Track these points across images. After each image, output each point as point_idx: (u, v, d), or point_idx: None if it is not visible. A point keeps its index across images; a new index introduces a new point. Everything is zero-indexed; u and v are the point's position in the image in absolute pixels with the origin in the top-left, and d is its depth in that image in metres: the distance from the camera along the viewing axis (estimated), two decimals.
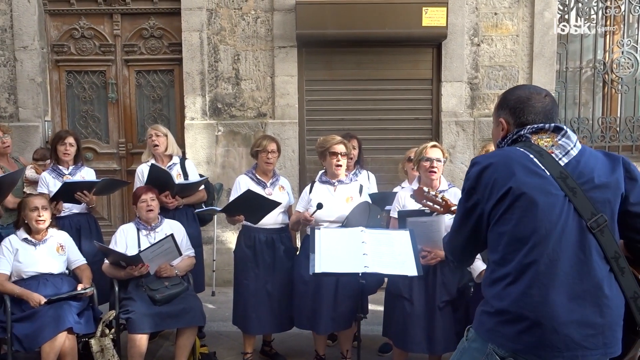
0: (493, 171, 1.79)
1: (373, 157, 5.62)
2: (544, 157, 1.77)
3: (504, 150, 1.87)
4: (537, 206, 1.71)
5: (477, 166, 1.84)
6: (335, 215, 3.69)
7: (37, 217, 3.66)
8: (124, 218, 6.08)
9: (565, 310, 1.68)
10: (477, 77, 5.81)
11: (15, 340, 3.45)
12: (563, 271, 1.69)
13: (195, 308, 3.76)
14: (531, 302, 1.70)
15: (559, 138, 1.80)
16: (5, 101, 5.91)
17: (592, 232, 1.71)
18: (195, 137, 5.81)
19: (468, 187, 1.86)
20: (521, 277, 1.72)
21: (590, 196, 1.72)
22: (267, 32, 5.76)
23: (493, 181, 1.77)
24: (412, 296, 3.38)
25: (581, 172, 1.75)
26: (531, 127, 1.84)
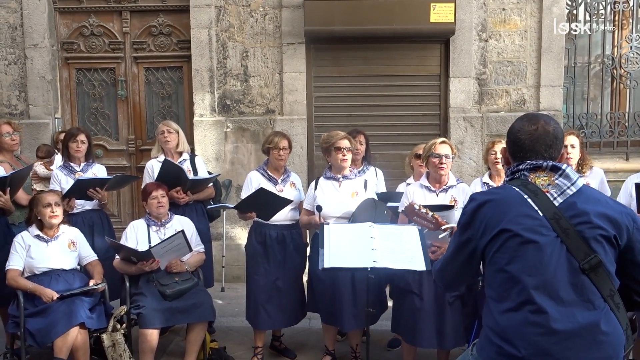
0: (487, 210, 1.84)
1: (381, 153, 5.63)
2: (538, 197, 1.79)
3: (499, 189, 1.97)
4: (528, 248, 1.75)
5: (473, 203, 1.90)
6: (342, 211, 3.71)
7: (50, 213, 3.69)
8: (133, 214, 6.12)
9: (560, 347, 1.71)
10: (485, 73, 5.80)
11: (28, 335, 3.50)
12: (557, 311, 1.72)
13: (206, 303, 3.80)
14: (526, 339, 1.73)
15: (556, 177, 1.82)
16: (15, 99, 5.96)
17: (585, 272, 1.73)
18: (204, 134, 5.85)
19: (463, 222, 1.92)
20: (516, 315, 1.76)
21: (584, 236, 1.74)
22: (275, 28, 5.78)
23: (487, 220, 1.83)
24: (422, 291, 3.39)
25: (577, 212, 1.76)
26: (530, 164, 1.86)
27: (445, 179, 3.60)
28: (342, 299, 3.67)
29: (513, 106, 5.82)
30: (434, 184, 3.61)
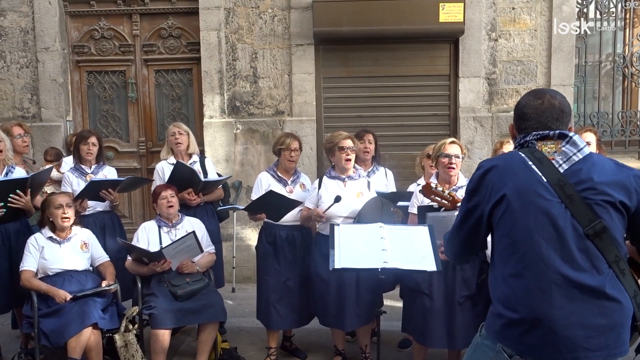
0: (493, 175, 1.86)
1: (390, 153, 5.63)
2: (543, 163, 1.81)
3: (505, 155, 1.96)
4: (530, 212, 1.77)
5: (480, 169, 1.92)
6: (348, 211, 3.71)
7: (62, 215, 3.73)
8: (144, 216, 6.17)
9: (565, 312, 1.72)
10: (495, 73, 5.78)
11: (42, 335, 3.53)
12: (562, 275, 1.72)
13: (217, 304, 3.82)
14: (531, 305, 1.75)
15: (562, 145, 1.83)
16: (28, 102, 6.02)
17: (590, 238, 1.73)
18: (214, 135, 5.87)
19: (470, 189, 1.94)
20: (520, 281, 1.78)
21: (589, 202, 1.74)
22: (284, 30, 5.80)
23: (492, 185, 1.85)
24: (432, 292, 3.39)
25: (582, 178, 1.77)
26: (536, 134, 1.88)
27: (455, 179, 3.59)
28: (345, 299, 3.68)
29: None
30: (444, 184, 3.59)
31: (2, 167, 3.96)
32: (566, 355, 1.72)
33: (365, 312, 3.69)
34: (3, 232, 3.89)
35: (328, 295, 3.75)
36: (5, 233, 3.90)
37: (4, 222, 3.86)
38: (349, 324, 3.75)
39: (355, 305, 3.68)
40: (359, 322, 3.75)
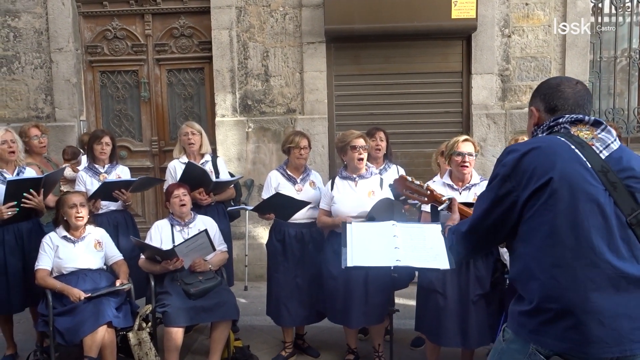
0: (533, 159, 1.72)
1: (403, 151, 5.61)
2: (585, 149, 1.72)
3: (544, 138, 1.80)
4: (579, 198, 1.66)
5: (515, 153, 1.76)
6: (358, 211, 3.70)
7: (76, 214, 3.76)
8: (157, 214, 6.20)
9: (612, 304, 1.64)
10: (508, 69, 5.72)
11: (57, 334, 3.56)
12: (611, 264, 1.65)
13: (229, 302, 3.83)
14: (577, 297, 1.64)
15: (598, 132, 1.76)
16: (42, 102, 6.08)
17: (632, 227, 1.67)
18: (226, 134, 5.89)
19: (503, 174, 1.77)
20: (567, 271, 1.66)
21: (631, 191, 1.69)
22: (295, 28, 5.79)
23: (532, 169, 1.71)
24: (446, 290, 3.37)
25: (623, 166, 1.71)
26: (569, 117, 1.79)
27: (469, 177, 3.56)
28: (353, 296, 3.67)
29: None
30: (457, 182, 3.57)
31: (13, 168, 4.00)
32: (614, 348, 1.64)
33: (375, 311, 3.68)
34: (16, 232, 3.93)
35: (336, 292, 3.76)
36: (18, 232, 3.94)
37: (16, 221, 3.90)
38: (355, 322, 3.75)
39: (364, 304, 3.67)
40: (366, 320, 3.75)
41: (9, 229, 3.91)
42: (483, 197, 1.88)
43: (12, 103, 6.09)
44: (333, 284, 3.76)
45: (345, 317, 3.76)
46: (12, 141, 3.94)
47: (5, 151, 3.90)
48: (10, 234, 3.91)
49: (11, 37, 6.02)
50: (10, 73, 6.06)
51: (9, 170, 3.97)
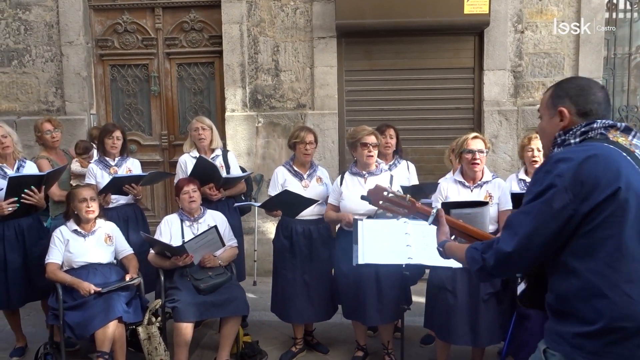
0: (592, 168, 1.58)
1: (413, 147, 5.57)
2: (631, 156, 1.62)
3: (594, 145, 1.66)
4: None
5: (568, 162, 1.61)
6: (366, 208, 3.65)
7: (87, 208, 3.76)
8: (166, 208, 6.21)
9: None
10: (520, 65, 5.66)
11: (67, 328, 3.57)
12: None
13: (239, 297, 3.82)
14: None
15: (631, 138, 1.68)
16: (52, 95, 6.09)
17: None
18: (235, 129, 5.87)
19: (561, 186, 1.59)
20: (635, 287, 1.55)
21: None
22: (306, 22, 5.76)
23: (594, 180, 1.57)
24: (455, 288, 3.35)
25: None
26: (603, 122, 1.69)
27: (480, 175, 3.53)
28: (365, 293, 3.65)
29: None
30: (469, 180, 3.54)
31: (13, 162, 4.00)
32: None
33: (389, 309, 3.65)
34: (16, 227, 3.94)
35: (348, 290, 3.74)
36: (19, 228, 3.95)
37: (16, 217, 3.91)
38: (370, 319, 3.73)
39: (377, 301, 3.65)
40: (382, 318, 3.72)
41: (10, 225, 3.91)
42: (530, 212, 1.67)
43: (22, 96, 6.10)
44: (345, 281, 3.75)
45: (360, 314, 3.74)
46: (3, 136, 3.91)
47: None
48: (11, 229, 3.92)
49: (22, 30, 6.03)
50: (21, 66, 6.07)
51: (8, 164, 3.97)
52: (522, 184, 3.82)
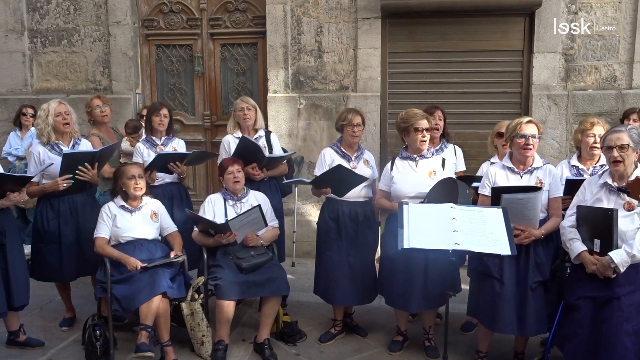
0: None
1: (457, 131, 5.45)
2: None
3: None
4: None
5: None
6: (417, 191, 3.62)
7: (134, 185, 3.83)
8: (208, 188, 6.29)
9: None
10: (572, 48, 5.45)
11: (114, 300, 3.67)
12: None
13: (280, 278, 3.85)
14: None
15: None
16: (100, 74, 6.22)
17: None
18: (277, 110, 5.88)
19: None
20: None
21: None
22: (350, 3, 5.68)
23: None
24: (503, 276, 3.28)
25: None
26: None
27: (530, 160, 3.42)
28: (413, 278, 3.61)
29: (602, 83, 5.46)
30: (518, 165, 3.44)
31: (69, 140, 4.11)
32: None
33: (433, 294, 3.61)
34: (70, 204, 4.06)
35: (395, 275, 3.70)
36: (73, 204, 4.06)
37: (71, 193, 4.02)
38: (415, 305, 3.69)
39: (423, 287, 3.61)
40: (426, 304, 3.68)
41: (64, 200, 4.03)
42: None
43: (71, 75, 6.25)
44: (391, 266, 3.72)
45: (405, 301, 3.70)
46: (66, 113, 4.04)
47: (60, 123, 4.01)
48: (65, 205, 4.04)
49: (71, 10, 6.15)
50: (70, 45, 6.21)
51: (64, 142, 4.09)
52: (575, 170, 3.69)
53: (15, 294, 3.64)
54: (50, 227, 4.01)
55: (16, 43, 6.27)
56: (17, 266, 3.68)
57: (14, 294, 3.63)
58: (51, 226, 4.01)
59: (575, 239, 3.06)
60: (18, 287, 3.66)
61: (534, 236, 3.24)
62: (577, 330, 3.03)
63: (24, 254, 3.84)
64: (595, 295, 2.99)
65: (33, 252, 4.14)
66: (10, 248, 3.63)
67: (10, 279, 3.61)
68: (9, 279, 3.60)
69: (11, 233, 3.67)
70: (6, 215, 3.67)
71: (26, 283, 3.79)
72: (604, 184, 3.07)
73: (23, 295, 3.73)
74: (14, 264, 3.64)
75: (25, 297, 3.76)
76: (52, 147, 4.03)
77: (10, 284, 3.61)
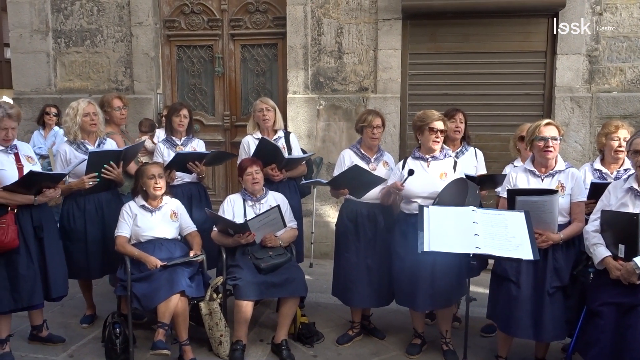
0: None
1: (478, 134, 5.40)
2: None
3: None
4: None
5: None
6: (428, 191, 3.59)
7: (154, 185, 3.86)
8: (227, 188, 6.32)
9: None
10: (597, 50, 5.36)
11: (134, 299, 3.70)
12: None
13: (298, 279, 3.84)
14: None
15: None
16: (122, 74, 6.29)
17: None
18: (297, 111, 5.88)
19: None
20: None
21: None
22: (371, 4, 5.66)
23: None
24: (520, 279, 3.24)
25: None
26: None
27: (553, 163, 3.37)
28: (419, 277, 3.59)
29: (627, 86, 5.36)
30: (540, 168, 3.39)
31: (94, 139, 4.16)
32: None
33: (441, 294, 3.59)
34: (96, 202, 4.11)
35: (403, 274, 3.69)
36: (98, 202, 4.12)
37: (97, 191, 4.07)
38: (422, 304, 3.67)
39: (430, 287, 3.58)
40: (432, 303, 3.67)
41: (90, 199, 4.09)
42: None
43: (94, 75, 6.34)
44: (400, 265, 3.70)
45: (412, 300, 3.69)
46: (94, 114, 4.09)
47: (87, 123, 4.06)
48: (91, 203, 4.10)
49: (95, 11, 6.23)
50: (93, 46, 6.29)
51: (90, 141, 4.14)
52: (598, 174, 3.63)
53: (53, 286, 3.72)
54: (77, 225, 4.07)
55: (41, 43, 6.38)
56: (55, 259, 3.76)
57: (52, 285, 3.71)
58: (77, 224, 4.07)
59: (599, 244, 3.01)
60: (56, 279, 3.74)
61: (552, 240, 3.20)
62: (600, 336, 2.97)
63: (62, 247, 3.91)
64: (620, 302, 2.93)
65: None
66: (48, 241, 3.71)
67: (49, 271, 3.69)
68: (47, 271, 3.68)
69: (49, 227, 3.75)
70: (43, 210, 3.74)
71: (64, 275, 3.88)
72: (629, 188, 3.01)
73: (61, 287, 3.81)
74: (52, 257, 3.73)
75: (63, 289, 3.84)
76: (78, 146, 4.08)
77: (48, 276, 3.69)
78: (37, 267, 3.62)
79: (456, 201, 3.30)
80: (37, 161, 3.86)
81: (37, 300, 3.67)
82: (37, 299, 3.65)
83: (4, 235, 3.42)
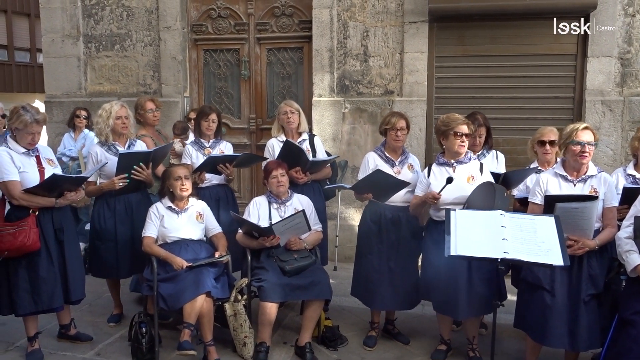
0: None
1: (505, 137, 5.33)
2: None
3: None
4: None
5: None
6: (455, 195, 3.55)
7: (181, 186, 3.90)
8: (252, 191, 6.35)
9: None
10: (629, 52, 5.24)
11: (160, 299, 3.74)
12: None
13: (323, 281, 3.83)
14: None
15: None
16: (150, 78, 6.38)
17: None
18: (322, 114, 5.88)
19: None
20: None
21: None
22: (397, 7, 5.63)
23: None
24: (554, 288, 3.16)
25: None
26: None
27: (585, 168, 3.30)
28: (457, 286, 3.53)
29: None
30: (572, 173, 3.31)
31: (125, 141, 4.23)
32: None
33: (480, 301, 3.53)
34: (126, 202, 4.18)
35: (438, 282, 3.64)
36: (128, 203, 4.18)
37: (126, 192, 4.13)
38: (462, 313, 3.61)
39: (468, 294, 3.53)
40: (472, 311, 3.60)
41: (120, 200, 4.16)
42: None
43: (123, 79, 6.44)
44: (434, 274, 3.65)
45: (452, 308, 3.62)
46: (126, 117, 4.17)
47: (119, 126, 4.13)
48: (121, 204, 4.17)
49: (124, 16, 6.34)
50: (122, 50, 6.40)
51: (120, 143, 4.21)
52: (631, 179, 3.53)
53: (73, 289, 3.77)
54: (107, 226, 4.14)
55: (72, 48, 6.51)
56: (74, 262, 3.81)
57: (71, 288, 3.76)
58: (107, 225, 4.14)
59: (632, 251, 2.92)
60: (75, 282, 3.79)
61: (588, 247, 3.12)
62: (632, 346, 2.88)
63: (80, 250, 3.97)
64: None
65: (90, 250, 4.29)
66: (68, 244, 3.77)
67: (68, 274, 3.75)
68: (66, 274, 3.74)
69: (69, 230, 3.81)
70: (64, 213, 3.81)
71: (82, 278, 3.92)
72: None
73: (79, 290, 3.86)
74: (72, 260, 3.78)
75: (81, 292, 3.89)
76: (108, 148, 4.16)
77: (67, 278, 3.74)
78: (57, 270, 3.67)
79: (485, 205, 3.25)
80: (58, 164, 3.92)
81: (57, 303, 3.71)
82: (57, 301, 3.69)
83: (26, 237, 3.47)
